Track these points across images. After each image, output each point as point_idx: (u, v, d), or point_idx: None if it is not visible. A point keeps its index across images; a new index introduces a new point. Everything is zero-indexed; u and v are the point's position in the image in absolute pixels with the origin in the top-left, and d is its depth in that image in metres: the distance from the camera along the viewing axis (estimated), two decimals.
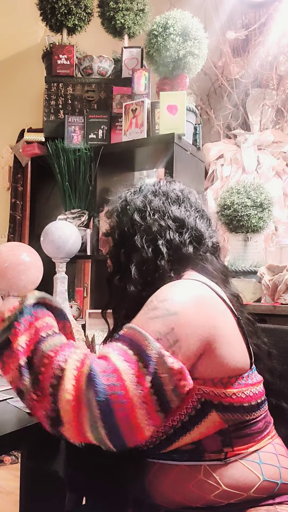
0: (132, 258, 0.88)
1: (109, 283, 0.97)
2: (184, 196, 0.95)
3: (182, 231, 0.89)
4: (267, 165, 2.08)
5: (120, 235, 0.93)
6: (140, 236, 0.89)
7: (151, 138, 1.74)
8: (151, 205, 0.92)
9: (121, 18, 1.98)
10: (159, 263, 0.86)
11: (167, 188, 0.95)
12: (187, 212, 0.92)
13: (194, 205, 0.95)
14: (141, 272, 0.87)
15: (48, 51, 2.06)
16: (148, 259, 0.87)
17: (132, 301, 0.86)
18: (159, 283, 0.83)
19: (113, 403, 0.64)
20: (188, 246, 0.89)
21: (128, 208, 0.94)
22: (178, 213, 0.91)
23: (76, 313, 1.96)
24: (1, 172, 3.52)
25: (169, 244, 0.88)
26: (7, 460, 2.51)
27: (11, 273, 1.49)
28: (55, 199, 2.10)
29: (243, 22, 2.20)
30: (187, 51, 1.75)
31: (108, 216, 1.00)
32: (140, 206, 0.92)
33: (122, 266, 0.91)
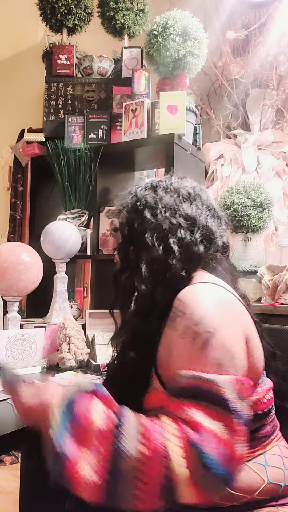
0: (142, 255, 0.86)
1: (116, 280, 0.96)
2: (196, 193, 0.93)
3: (194, 230, 0.88)
4: (267, 165, 2.08)
5: (130, 231, 0.91)
6: (150, 233, 0.87)
7: (151, 138, 1.74)
8: (162, 202, 0.90)
9: (121, 18, 1.98)
10: (170, 262, 0.84)
11: (178, 185, 0.94)
12: (199, 210, 0.90)
13: (206, 203, 0.94)
14: (152, 270, 0.85)
15: (48, 51, 2.06)
16: (159, 258, 0.85)
17: (142, 299, 0.84)
18: (171, 283, 0.82)
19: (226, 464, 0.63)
20: (199, 245, 0.87)
21: (138, 204, 0.92)
22: (189, 211, 0.89)
23: (76, 313, 1.96)
24: (1, 172, 3.52)
25: (181, 242, 0.86)
26: (7, 460, 2.51)
27: (11, 273, 1.49)
28: (55, 199, 2.10)
29: (243, 22, 2.20)
30: (187, 51, 1.75)
31: (118, 211, 0.98)
32: (151, 202, 0.91)
33: (131, 263, 0.89)
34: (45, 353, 1.51)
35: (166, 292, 0.81)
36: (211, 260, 0.89)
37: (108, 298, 1.94)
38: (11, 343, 1.44)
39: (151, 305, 0.82)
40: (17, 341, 1.45)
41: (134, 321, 0.85)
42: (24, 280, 1.52)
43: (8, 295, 1.55)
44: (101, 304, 1.81)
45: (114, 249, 1.00)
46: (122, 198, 0.98)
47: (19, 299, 1.59)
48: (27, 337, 1.47)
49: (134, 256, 0.88)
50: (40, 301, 1.86)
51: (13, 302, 1.56)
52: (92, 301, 1.83)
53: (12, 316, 1.55)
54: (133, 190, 0.97)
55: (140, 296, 0.84)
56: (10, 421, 0.97)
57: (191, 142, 1.86)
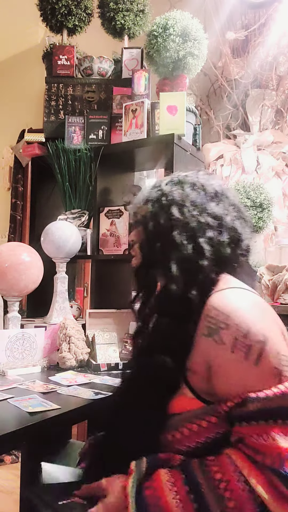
0: (170, 253, 0.83)
1: (138, 275, 0.92)
2: (223, 192, 0.90)
3: (222, 231, 0.85)
4: (266, 165, 2.08)
5: (155, 227, 0.87)
6: (179, 231, 0.84)
7: (151, 139, 1.74)
8: (189, 198, 0.86)
9: (121, 19, 1.98)
10: (201, 262, 0.81)
11: (205, 182, 0.90)
12: (226, 210, 0.87)
13: (232, 202, 0.90)
14: (183, 271, 0.82)
15: (48, 51, 2.06)
16: (190, 257, 0.82)
17: (173, 300, 0.81)
18: (202, 285, 0.80)
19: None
20: (226, 247, 0.84)
21: (164, 200, 0.88)
22: (216, 210, 0.86)
23: (76, 313, 1.96)
24: (2, 173, 3.53)
25: (210, 243, 0.83)
26: (8, 460, 2.51)
27: (12, 273, 1.50)
28: (55, 199, 2.10)
29: (243, 23, 2.21)
30: (187, 51, 1.75)
31: (141, 204, 0.94)
32: (178, 198, 0.87)
33: (157, 260, 0.86)
34: (45, 353, 1.51)
35: (199, 294, 0.79)
36: (235, 263, 0.87)
37: (108, 298, 1.96)
38: (12, 342, 1.44)
39: (183, 307, 0.79)
40: (17, 341, 1.45)
41: (164, 323, 0.82)
42: (25, 280, 1.52)
43: (9, 295, 1.55)
44: (101, 304, 1.82)
45: (133, 242, 0.97)
46: (145, 191, 0.95)
47: (20, 299, 1.60)
48: (28, 336, 1.48)
49: (161, 253, 0.85)
50: (40, 301, 1.87)
51: (13, 302, 1.57)
52: (92, 301, 1.83)
53: (12, 316, 1.56)
54: (157, 183, 0.94)
55: (171, 296, 0.81)
56: (11, 420, 0.98)
57: (191, 143, 1.86)
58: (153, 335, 0.85)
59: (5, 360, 1.42)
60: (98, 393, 1.17)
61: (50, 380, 1.32)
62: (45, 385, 1.25)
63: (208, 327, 0.76)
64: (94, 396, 1.15)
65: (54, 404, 1.06)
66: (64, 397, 1.15)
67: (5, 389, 1.20)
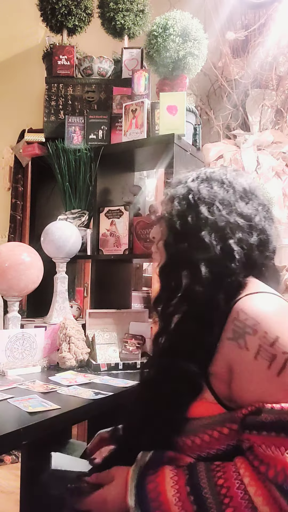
0: (198, 254, 0.80)
1: (163, 274, 0.89)
2: (252, 190, 0.86)
3: (251, 232, 0.81)
4: (266, 165, 2.08)
5: (183, 225, 0.84)
6: (208, 231, 0.80)
7: (151, 139, 1.74)
8: (217, 197, 0.83)
9: (121, 19, 1.98)
10: (231, 265, 0.78)
11: (234, 179, 0.86)
12: (255, 211, 0.84)
13: (261, 202, 0.87)
14: (211, 273, 0.78)
15: (48, 51, 2.06)
16: (219, 259, 0.79)
17: (200, 303, 0.78)
18: (230, 289, 0.77)
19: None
20: (254, 250, 0.82)
21: (191, 197, 0.85)
22: (246, 210, 0.83)
23: (76, 313, 1.96)
24: (2, 173, 3.53)
25: (240, 245, 0.80)
26: (8, 460, 2.52)
27: (12, 273, 1.50)
28: (55, 199, 2.10)
29: (243, 23, 2.21)
30: (187, 51, 1.75)
31: (165, 200, 0.91)
32: (206, 196, 0.83)
33: (184, 261, 0.82)
34: (45, 353, 1.51)
35: (227, 298, 0.77)
36: (262, 266, 0.84)
37: (108, 298, 1.96)
38: (12, 342, 1.44)
39: (209, 310, 0.76)
40: (17, 341, 1.45)
41: (189, 325, 0.80)
42: (25, 280, 1.52)
43: (9, 295, 1.55)
44: (101, 304, 1.82)
45: (154, 239, 0.94)
46: (171, 186, 0.92)
47: (20, 299, 1.60)
48: (28, 336, 1.48)
49: (188, 254, 0.81)
50: (40, 301, 1.87)
51: (13, 302, 1.57)
52: (92, 301, 1.83)
53: (12, 316, 1.56)
54: (183, 180, 0.90)
55: (197, 298, 0.79)
56: (11, 420, 0.98)
57: (191, 143, 1.86)
58: (176, 336, 0.83)
59: (5, 360, 1.42)
60: (98, 393, 1.17)
61: (50, 380, 1.32)
62: (45, 385, 1.25)
63: (234, 330, 0.73)
64: (94, 396, 1.15)
65: (54, 404, 1.06)
66: (64, 397, 1.15)
67: (5, 389, 1.20)
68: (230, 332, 0.74)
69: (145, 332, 1.70)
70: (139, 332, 1.67)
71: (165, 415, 0.78)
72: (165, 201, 0.91)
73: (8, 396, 1.12)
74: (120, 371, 1.48)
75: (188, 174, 0.92)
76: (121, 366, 1.50)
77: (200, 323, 0.77)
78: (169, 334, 0.86)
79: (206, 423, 0.75)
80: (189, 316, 0.81)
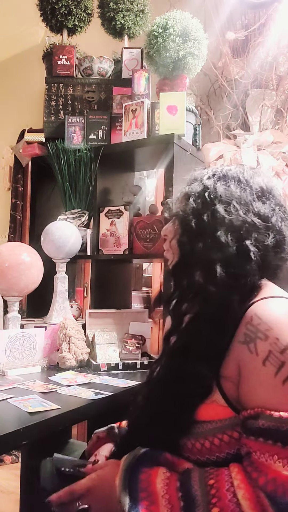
0: (213, 254, 0.78)
1: (176, 273, 0.88)
2: (269, 189, 0.84)
3: (268, 233, 0.79)
4: (266, 165, 2.08)
5: (198, 224, 0.82)
6: (224, 231, 0.78)
7: (151, 139, 1.75)
8: (234, 196, 0.81)
9: (121, 19, 1.98)
10: (247, 266, 0.77)
11: (251, 178, 0.85)
12: (272, 211, 0.82)
13: (278, 201, 0.85)
14: (226, 273, 0.77)
15: (48, 51, 2.06)
16: (236, 260, 0.77)
17: (213, 304, 0.77)
18: (245, 291, 0.76)
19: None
20: (270, 251, 0.80)
21: (207, 195, 0.83)
22: (262, 210, 0.81)
23: (76, 313, 1.96)
24: (2, 173, 3.53)
25: (256, 245, 0.78)
26: (8, 460, 2.52)
27: (12, 273, 1.50)
28: (55, 199, 2.10)
29: (243, 23, 2.21)
30: (187, 51, 1.75)
31: (180, 197, 0.89)
32: (223, 195, 0.81)
33: (199, 260, 0.81)
34: (45, 353, 1.51)
35: (241, 300, 0.75)
36: (277, 268, 0.83)
37: (108, 298, 1.96)
38: (12, 342, 1.44)
39: (222, 312, 0.75)
40: (17, 341, 1.46)
41: (201, 326, 0.78)
42: (25, 280, 1.52)
43: (9, 295, 1.56)
44: (101, 304, 1.82)
45: (166, 236, 0.92)
46: (185, 183, 0.90)
47: (20, 299, 1.60)
48: (28, 336, 1.48)
49: (203, 253, 0.79)
50: (40, 301, 1.87)
51: (13, 302, 1.57)
52: (92, 301, 1.83)
53: (12, 316, 1.56)
54: (198, 177, 0.88)
55: (211, 299, 0.77)
56: (11, 420, 0.98)
57: (191, 143, 1.86)
58: (187, 336, 0.82)
59: (5, 360, 1.42)
60: (98, 393, 1.17)
61: (50, 380, 1.32)
62: (45, 385, 1.25)
63: (246, 334, 0.72)
64: (94, 396, 1.15)
65: (54, 404, 1.06)
66: (64, 397, 1.15)
67: (5, 389, 1.20)
68: (242, 336, 0.73)
69: (145, 332, 1.70)
70: (139, 332, 1.67)
71: (174, 416, 0.77)
72: (180, 198, 0.89)
73: (8, 396, 1.12)
74: (120, 371, 1.48)
75: (204, 171, 0.90)
76: (121, 366, 1.50)
77: (213, 324, 0.76)
78: (180, 334, 0.85)
79: (217, 426, 0.74)
80: (201, 316, 0.80)
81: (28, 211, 3.09)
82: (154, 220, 1.73)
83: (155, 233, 1.72)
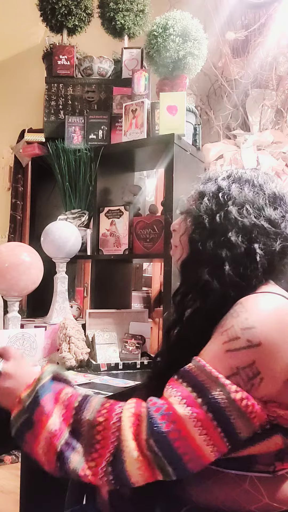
0: (223, 253, 0.80)
1: (185, 269, 0.90)
2: (281, 196, 0.86)
3: (276, 238, 0.81)
4: (266, 165, 2.08)
5: (211, 223, 0.84)
6: (236, 232, 0.81)
7: (151, 139, 1.75)
8: (247, 199, 0.83)
9: (121, 18, 1.98)
10: (254, 269, 0.79)
11: (265, 183, 0.87)
12: (282, 218, 0.83)
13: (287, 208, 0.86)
14: (234, 273, 0.79)
15: (48, 51, 2.06)
16: (241, 262, 0.79)
17: (213, 298, 0.79)
18: (245, 290, 0.78)
19: (172, 440, 0.66)
20: (276, 256, 0.82)
21: (221, 195, 0.85)
22: (273, 216, 0.83)
23: (76, 313, 1.96)
24: (2, 173, 3.53)
25: (265, 249, 0.80)
26: (8, 460, 2.52)
27: (12, 273, 1.50)
28: (55, 199, 2.10)
29: (243, 23, 2.21)
30: (187, 51, 1.75)
31: (195, 196, 0.91)
32: (237, 197, 0.84)
33: (208, 259, 0.83)
34: (45, 353, 1.51)
35: (237, 297, 0.78)
36: (280, 273, 0.85)
37: (108, 298, 1.96)
38: (12, 342, 1.44)
39: (220, 308, 0.78)
40: (17, 341, 1.45)
41: (200, 320, 0.81)
42: (25, 280, 1.52)
43: (9, 295, 1.55)
44: (101, 304, 1.82)
45: (174, 232, 0.94)
46: (199, 182, 0.92)
47: (20, 299, 1.60)
48: (28, 337, 1.48)
49: (213, 252, 0.82)
50: (40, 301, 1.87)
51: (13, 302, 1.57)
52: (92, 301, 1.83)
53: (12, 316, 1.56)
54: (212, 177, 0.90)
55: (213, 296, 0.80)
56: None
57: (191, 143, 1.86)
58: (186, 329, 0.85)
59: None
60: (98, 393, 1.17)
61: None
62: None
63: (225, 317, 0.76)
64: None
65: None
66: None
67: None
68: (222, 319, 0.77)
69: (145, 332, 1.71)
70: (139, 332, 1.67)
71: None
72: (194, 196, 0.91)
73: None
74: (120, 371, 1.48)
75: (219, 171, 0.93)
76: (121, 366, 1.50)
77: (210, 319, 0.78)
78: (180, 327, 0.87)
79: None
80: (201, 311, 0.82)
81: (28, 211, 3.09)
82: (154, 220, 1.73)
83: (155, 233, 1.72)
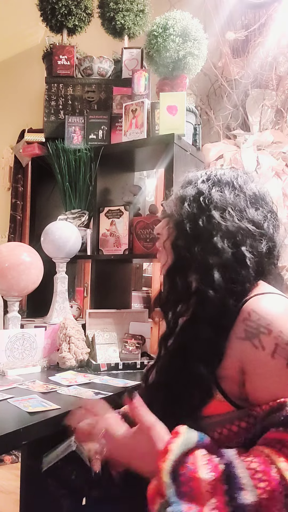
0: (210, 259, 0.79)
1: (170, 276, 0.88)
2: (261, 196, 0.86)
3: (261, 239, 0.81)
4: (266, 165, 2.08)
5: (194, 228, 0.83)
6: (220, 236, 0.80)
7: (151, 139, 1.75)
8: (229, 202, 0.82)
9: (121, 18, 1.98)
10: (243, 272, 0.78)
11: (245, 184, 0.86)
12: (264, 218, 0.84)
13: (269, 208, 0.86)
14: (225, 278, 0.78)
15: (48, 51, 2.06)
16: (233, 266, 0.78)
17: (211, 307, 0.77)
18: (240, 294, 0.77)
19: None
20: (264, 257, 0.82)
21: (202, 200, 0.84)
22: (256, 217, 0.82)
23: (76, 313, 1.96)
24: (2, 173, 3.53)
25: (252, 252, 0.80)
26: (8, 460, 2.52)
27: (12, 273, 1.50)
28: (55, 199, 2.10)
29: (243, 23, 2.21)
30: (187, 51, 1.75)
31: (175, 200, 0.89)
32: (218, 201, 0.82)
33: (195, 264, 0.82)
34: (45, 353, 1.51)
35: (235, 302, 0.77)
36: (269, 273, 0.85)
37: (108, 298, 1.96)
38: (12, 342, 1.44)
39: (219, 314, 0.77)
40: (17, 341, 1.46)
41: (199, 329, 0.79)
42: (25, 280, 1.52)
43: (9, 295, 1.56)
44: (101, 304, 1.82)
45: (158, 235, 0.93)
46: (179, 185, 0.91)
47: (20, 299, 1.60)
48: (28, 336, 1.48)
49: (200, 258, 0.81)
50: (40, 301, 1.87)
51: (13, 302, 1.57)
52: (92, 301, 1.83)
53: (12, 316, 1.56)
54: (192, 179, 0.89)
55: (210, 303, 0.78)
56: (11, 420, 0.98)
57: (191, 143, 1.86)
58: (185, 339, 0.82)
59: (5, 360, 1.42)
60: (98, 393, 1.18)
61: (50, 380, 1.32)
62: (45, 385, 1.25)
63: (247, 331, 0.73)
64: (94, 396, 1.15)
65: (54, 404, 1.06)
66: (64, 397, 1.15)
67: (5, 389, 1.20)
68: (241, 332, 0.74)
69: (145, 332, 1.70)
70: (139, 332, 1.67)
71: (176, 420, 0.75)
72: (174, 200, 0.90)
73: (8, 396, 1.12)
74: (120, 371, 1.48)
75: (198, 173, 0.91)
76: (121, 366, 1.50)
77: (211, 326, 0.77)
78: (177, 336, 0.85)
79: (216, 421, 0.75)
80: (199, 319, 0.80)
81: (28, 211, 3.09)
82: (154, 220, 1.73)
83: None
